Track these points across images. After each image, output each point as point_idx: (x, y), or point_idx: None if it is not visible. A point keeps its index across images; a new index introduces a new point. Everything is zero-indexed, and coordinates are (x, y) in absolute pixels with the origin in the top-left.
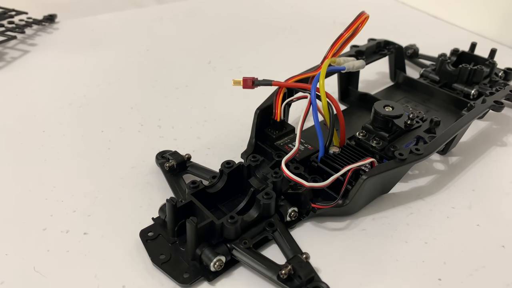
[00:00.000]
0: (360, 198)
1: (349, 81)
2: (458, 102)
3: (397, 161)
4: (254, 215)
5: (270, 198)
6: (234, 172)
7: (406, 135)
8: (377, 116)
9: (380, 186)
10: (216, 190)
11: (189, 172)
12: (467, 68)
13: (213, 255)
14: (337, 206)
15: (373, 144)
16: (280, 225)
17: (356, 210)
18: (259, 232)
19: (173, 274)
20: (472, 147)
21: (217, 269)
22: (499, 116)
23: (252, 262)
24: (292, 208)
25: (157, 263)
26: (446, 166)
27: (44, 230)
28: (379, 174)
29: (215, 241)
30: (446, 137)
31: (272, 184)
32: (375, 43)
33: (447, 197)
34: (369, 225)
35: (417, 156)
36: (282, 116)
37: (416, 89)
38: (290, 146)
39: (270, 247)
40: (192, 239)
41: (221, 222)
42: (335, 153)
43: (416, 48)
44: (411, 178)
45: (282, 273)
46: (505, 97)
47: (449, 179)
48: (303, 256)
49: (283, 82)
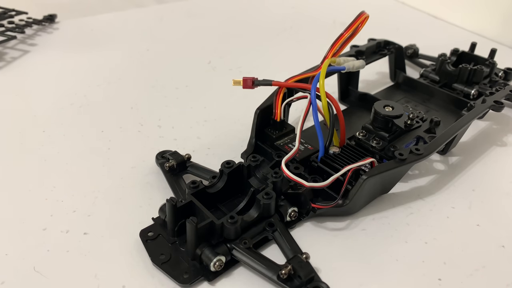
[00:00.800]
0: (360, 198)
1: (349, 81)
2: (458, 102)
3: (397, 161)
4: (254, 215)
5: (270, 198)
6: (234, 172)
7: (406, 135)
8: (377, 116)
9: (380, 186)
10: (216, 190)
11: (189, 172)
12: (467, 68)
13: (213, 255)
14: (337, 206)
15: (373, 144)
16: (280, 225)
17: (356, 210)
18: (259, 232)
19: (173, 274)
20: (472, 147)
21: (217, 269)
22: (499, 116)
23: (252, 262)
24: (292, 208)
25: (157, 263)
26: (446, 166)
27: (44, 230)
28: (379, 174)
29: (215, 241)
30: (446, 137)
31: (272, 184)
32: (375, 43)
33: (447, 197)
34: (369, 225)
35: (417, 156)
36: (282, 116)
37: (416, 89)
38: (290, 146)
39: (270, 247)
40: (192, 239)
41: (221, 222)
42: (335, 153)
43: (416, 48)
44: (411, 178)
45: (282, 273)
46: (505, 97)
47: (449, 179)
48: (303, 256)
49: (283, 82)
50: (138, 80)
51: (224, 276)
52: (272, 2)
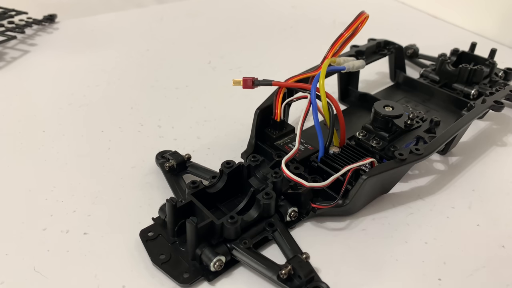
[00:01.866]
0: (360, 198)
1: (349, 81)
2: (458, 102)
3: (397, 161)
4: (254, 215)
5: (270, 198)
6: (234, 172)
7: (406, 135)
8: (377, 116)
9: (380, 186)
10: (216, 190)
11: (189, 172)
12: (467, 68)
13: (213, 255)
14: (337, 206)
15: (373, 144)
16: (280, 225)
17: (356, 210)
18: (259, 232)
19: (173, 274)
20: (472, 147)
21: (217, 269)
22: (499, 116)
23: (252, 262)
24: (292, 208)
25: (157, 263)
26: (446, 166)
27: (44, 230)
28: (379, 174)
29: (215, 241)
30: (446, 137)
31: (272, 184)
32: (375, 43)
33: (447, 197)
34: (369, 225)
35: (417, 156)
36: (282, 116)
37: (416, 89)
38: (290, 146)
39: (270, 247)
40: (192, 239)
41: (221, 222)
42: (335, 153)
43: (416, 48)
44: (411, 178)
45: (282, 273)
46: (505, 97)
47: (449, 179)
48: (303, 256)
49: (283, 82)
50: (138, 80)
51: (224, 276)
52: (272, 2)
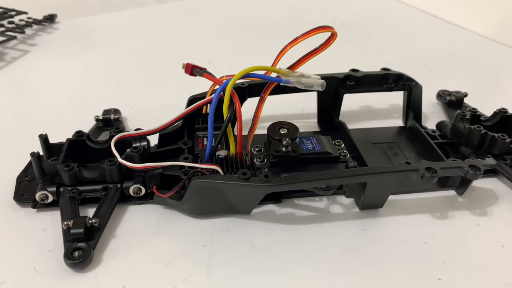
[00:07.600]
0: (197, 201)
1: (332, 105)
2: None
3: (236, 178)
4: (95, 175)
5: (112, 165)
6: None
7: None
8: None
9: (238, 200)
10: (100, 147)
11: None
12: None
13: (40, 189)
14: (175, 199)
15: (256, 162)
16: (115, 194)
17: (197, 213)
18: (94, 190)
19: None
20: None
21: (39, 200)
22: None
23: (62, 209)
24: (137, 185)
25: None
26: None
27: (44, 230)
28: (210, 182)
29: (55, 181)
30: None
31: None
32: (381, 73)
33: (447, 197)
34: (369, 225)
35: (262, 181)
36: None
37: (417, 139)
38: (204, 140)
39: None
40: (36, 171)
41: (56, 166)
42: (219, 156)
43: (460, 96)
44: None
45: (65, 224)
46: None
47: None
48: (87, 219)
49: (213, 77)
50: (138, 80)
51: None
52: (272, 2)
